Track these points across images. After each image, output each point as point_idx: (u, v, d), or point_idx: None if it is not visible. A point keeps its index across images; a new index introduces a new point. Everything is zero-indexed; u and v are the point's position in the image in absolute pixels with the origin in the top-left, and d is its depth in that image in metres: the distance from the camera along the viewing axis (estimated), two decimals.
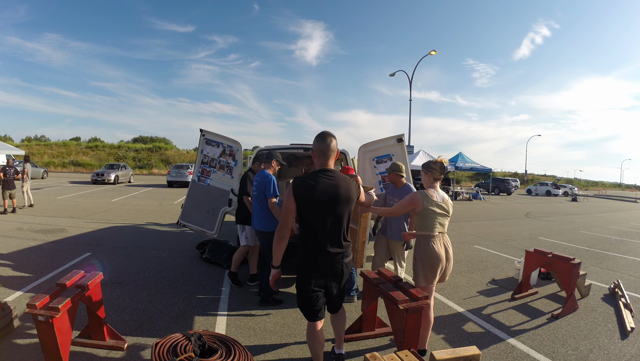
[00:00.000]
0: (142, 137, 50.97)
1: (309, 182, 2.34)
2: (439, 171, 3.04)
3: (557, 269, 4.41)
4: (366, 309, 3.30)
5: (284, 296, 4.22)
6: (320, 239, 2.38)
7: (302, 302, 2.48)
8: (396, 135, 5.18)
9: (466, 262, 6.39)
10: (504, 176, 48.53)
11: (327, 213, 2.35)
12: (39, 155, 35.71)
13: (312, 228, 2.39)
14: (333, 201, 2.34)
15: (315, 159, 2.47)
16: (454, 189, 24.67)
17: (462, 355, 2.29)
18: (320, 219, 2.36)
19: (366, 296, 3.32)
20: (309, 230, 2.41)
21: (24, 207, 10.43)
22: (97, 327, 2.94)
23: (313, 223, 2.38)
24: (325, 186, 2.34)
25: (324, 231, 2.37)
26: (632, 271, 6.26)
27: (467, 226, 11.02)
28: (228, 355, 2.08)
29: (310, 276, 2.41)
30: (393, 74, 23.23)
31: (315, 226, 2.38)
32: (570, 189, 35.08)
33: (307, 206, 2.35)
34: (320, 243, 2.38)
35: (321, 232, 2.38)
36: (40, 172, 22.85)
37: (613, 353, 3.24)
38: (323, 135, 2.43)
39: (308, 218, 2.38)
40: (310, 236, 2.41)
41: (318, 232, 2.38)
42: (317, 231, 2.38)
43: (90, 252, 5.87)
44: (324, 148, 2.41)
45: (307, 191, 2.33)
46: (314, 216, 2.36)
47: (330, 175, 2.38)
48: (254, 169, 4.59)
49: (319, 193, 2.32)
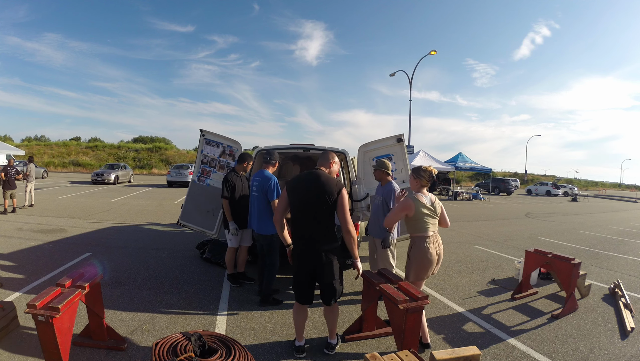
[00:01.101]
0: (142, 137, 51.01)
1: (299, 176, 2.90)
2: (427, 179, 3.16)
3: (557, 269, 4.41)
4: (366, 309, 3.30)
5: (284, 296, 4.22)
6: (303, 229, 2.81)
7: (293, 284, 2.97)
8: (396, 135, 5.18)
9: (466, 262, 6.39)
10: (504, 176, 48.54)
11: (308, 204, 2.77)
12: (39, 155, 35.71)
13: (296, 218, 2.84)
14: (313, 194, 2.74)
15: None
16: (454, 189, 24.68)
17: (462, 355, 2.29)
18: (302, 210, 2.81)
19: (366, 296, 3.32)
20: (294, 220, 2.86)
21: (24, 207, 10.43)
22: (97, 327, 2.94)
23: (296, 213, 2.83)
24: (307, 181, 2.81)
25: (307, 222, 2.79)
26: (632, 271, 6.26)
27: (467, 226, 11.02)
28: (228, 355, 2.08)
29: (299, 262, 2.85)
30: (393, 74, 23.24)
31: (299, 216, 2.83)
32: (570, 189, 35.08)
33: (294, 197, 2.81)
34: (303, 232, 2.81)
35: (304, 222, 2.81)
36: (40, 173, 22.84)
37: (613, 353, 3.24)
38: (327, 155, 3.01)
39: (293, 209, 2.85)
40: (296, 226, 2.85)
41: (302, 222, 2.82)
42: (301, 220, 2.82)
43: (90, 252, 5.87)
44: (323, 162, 2.97)
45: (294, 184, 2.85)
46: (297, 207, 2.81)
47: (316, 173, 2.83)
48: (237, 170, 4.60)
49: (303, 186, 2.80)
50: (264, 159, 4.16)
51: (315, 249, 2.77)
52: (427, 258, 3.05)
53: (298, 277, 2.90)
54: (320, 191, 2.73)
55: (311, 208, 2.75)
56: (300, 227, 2.82)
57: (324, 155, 3.01)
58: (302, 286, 2.89)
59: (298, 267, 2.87)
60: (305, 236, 2.80)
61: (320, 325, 3.55)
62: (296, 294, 2.95)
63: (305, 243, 2.80)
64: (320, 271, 2.80)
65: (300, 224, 2.82)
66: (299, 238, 2.84)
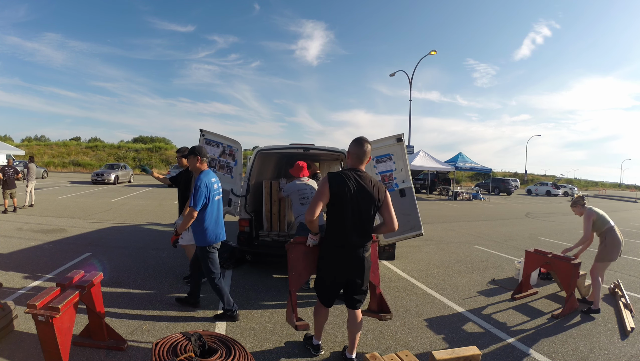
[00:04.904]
0: (142, 137, 50.96)
1: (342, 177, 2.62)
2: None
3: (557, 269, 4.41)
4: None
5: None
6: (346, 232, 2.61)
7: (322, 288, 2.81)
8: (396, 135, 5.19)
9: (466, 262, 6.39)
10: (504, 176, 48.53)
11: (353, 206, 2.59)
12: (39, 155, 35.69)
13: (340, 220, 2.62)
14: (361, 196, 2.59)
15: (350, 160, 2.75)
16: (454, 189, 24.66)
17: (462, 355, 2.29)
18: (347, 212, 2.60)
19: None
20: (335, 222, 2.65)
21: (24, 207, 10.43)
22: (97, 327, 2.94)
23: (340, 215, 2.61)
24: (357, 183, 2.61)
25: (350, 224, 2.60)
26: (632, 271, 6.26)
27: (467, 226, 11.02)
28: (228, 355, 2.08)
29: (330, 265, 2.71)
30: (393, 74, 23.25)
31: (342, 218, 2.61)
32: (571, 189, 35.08)
33: (338, 198, 2.58)
34: (345, 235, 2.61)
35: (347, 225, 2.60)
36: (40, 173, 22.83)
37: (613, 353, 3.24)
38: (360, 140, 2.71)
39: (337, 209, 2.62)
40: (336, 228, 2.65)
41: (345, 224, 2.61)
42: (344, 223, 2.61)
43: (90, 252, 5.87)
44: (360, 153, 2.69)
45: (341, 184, 2.59)
46: (342, 208, 2.59)
47: (360, 174, 2.66)
48: (182, 165, 4.62)
49: (350, 188, 2.59)
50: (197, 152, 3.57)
51: (357, 253, 2.67)
52: None
53: (331, 281, 2.76)
54: (371, 198, 2.63)
55: (361, 213, 2.63)
56: (347, 232, 2.64)
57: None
58: (334, 290, 2.80)
59: (335, 271, 2.71)
60: (348, 240, 2.64)
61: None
62: (325, 298, 2.82)
63: (348, 248, 2.66)
64: (358, 275, 2.70)
65: (347, 230, 2.63)
66: (343, 243, 2.65)
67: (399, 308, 4.09)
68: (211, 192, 3.43)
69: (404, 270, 5.65)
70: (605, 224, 4.28)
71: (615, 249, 4.20)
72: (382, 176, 5.22)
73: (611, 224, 4.28)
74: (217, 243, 3.57)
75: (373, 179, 2.71)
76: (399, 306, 4.15)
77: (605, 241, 4.24)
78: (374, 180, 2.71)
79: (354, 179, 2.61)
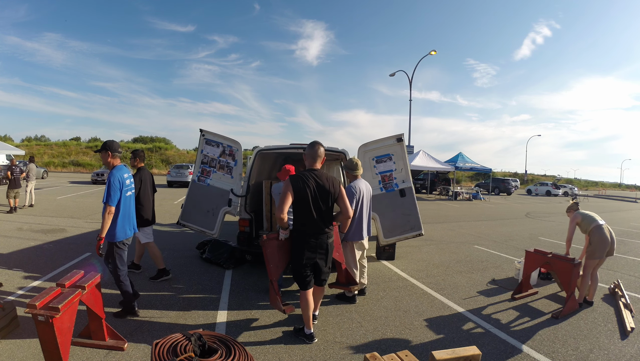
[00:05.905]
0: (142, 137, 50.95)
1: (302, 178, 3.06)
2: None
3: (557, 269, 4.41)
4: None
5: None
6: (311, 223, 3.07)
7: (300, 274, 3.18)
8: (396, 135, 5.18)
9: (466, 262, 6.39)
10: (504, 176, 48.52)
11: (314, 201, 3.05)
12: (39, 155, 35.69)
13: (305, 214, 3.07)
14: (319, 192, 3.06)
15: (306, 162, 3.23)
16: (454, 189, 24.66)
17: (462, 355, 2.29)
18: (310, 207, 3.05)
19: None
20: (301, 216, 3.10)
21: (24, 207, 10.44)
22: (97, 327, 2.94)
23: (305, 210, 3.07)
24: (315, 182, 3.07)
25: (314, 216, 3.06)
26: (632, 271, 6.26)
27: (467, 226, 11.03)
28: (228, 355, 2.08)
29: (302, 252, 3.11)
30: (393, 74, 23.25)
31: (306, 212, 3.06)
32: (571, 189, 35.06)
33: (300, 196, 3.02)
34: (311, 226, 3.07)
35: (311, 217, 3.06)
36: (40, 173, 22.83)
37: (613, 353, 3.24)
38: (313, 144, 3.22)
39: (301, 206, 3.07)
40: (303, 221, 3.09)
41: (309, 217, 3.06)
42: (309, 216, 3.06)
43: (90, 252, 5.86)
44: (314, 154, 3.18)
45: (301, 185, 3.04)
46: (305, 204, 3.04)
47: (317, 173, 3.11)
48: (135, 165, 4.76)
49: (310, 186, 3.03)
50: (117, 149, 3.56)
51: (322, 240, 3.15)
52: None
53: (305, 265, 3.15)
54: (330, 192, 3.13)
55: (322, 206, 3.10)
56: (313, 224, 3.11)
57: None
58: (308, 272, 3.19)
59: (307, 256, 3.12)
60: (316, 230, 3.11)
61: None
62: (303, 282, 3.19)
63: (316, 235, 3.12)
64: (325, 258, 3.20)
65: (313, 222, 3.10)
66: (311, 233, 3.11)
67: (399, 308, 4.09)
68: (123, 187, 3.42)
69: (404, 270, 5.65)
70: (592, 223, 4.40)
71: (600, 247, 4.29)
72: (382, 176, 5.22)
73: (598, 223, 4.37)
74: (127, 239, 3.53)
75: (328, 175, 3.16)
76: (399, 306, 4.15)
77: (592, 239, 4.36)
78: (329, 176, 3.15)
79: (312, 178, 3.06)
